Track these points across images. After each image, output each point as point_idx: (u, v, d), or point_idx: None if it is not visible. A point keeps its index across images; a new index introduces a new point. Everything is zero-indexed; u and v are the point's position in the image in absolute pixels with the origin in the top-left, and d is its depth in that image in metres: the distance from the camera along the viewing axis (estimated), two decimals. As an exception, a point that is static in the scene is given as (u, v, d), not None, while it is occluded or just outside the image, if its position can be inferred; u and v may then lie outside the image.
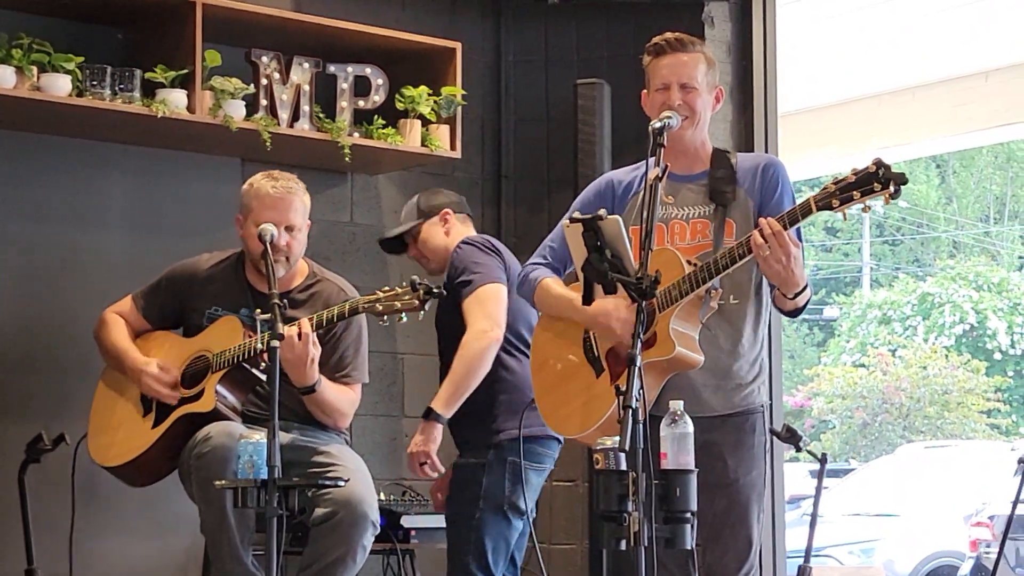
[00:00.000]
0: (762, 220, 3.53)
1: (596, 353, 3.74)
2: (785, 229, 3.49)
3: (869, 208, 3.46)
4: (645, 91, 3.85)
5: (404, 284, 4.06)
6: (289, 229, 4.28)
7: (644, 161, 3.68)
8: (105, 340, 4.42)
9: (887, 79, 9.95)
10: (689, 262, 3.61)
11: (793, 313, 3.74)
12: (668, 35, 3.83)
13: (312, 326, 4.11)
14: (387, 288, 4.10)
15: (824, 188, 3.47)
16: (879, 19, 8.84)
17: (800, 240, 3.61)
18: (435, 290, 4.04)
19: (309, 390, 4.20)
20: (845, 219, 3.58)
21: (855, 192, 3.41)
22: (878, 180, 3.38)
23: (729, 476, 3.71)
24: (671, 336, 3.57)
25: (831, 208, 3.44)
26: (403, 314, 4.05)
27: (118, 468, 4.32)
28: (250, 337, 4.17)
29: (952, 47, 9.36)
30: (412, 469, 4.41)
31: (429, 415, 4.34)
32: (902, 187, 3.38)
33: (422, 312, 4.06)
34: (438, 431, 4.34)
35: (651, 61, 3.83)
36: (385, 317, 4.07)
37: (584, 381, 3.74)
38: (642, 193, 3.65)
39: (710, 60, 3.84)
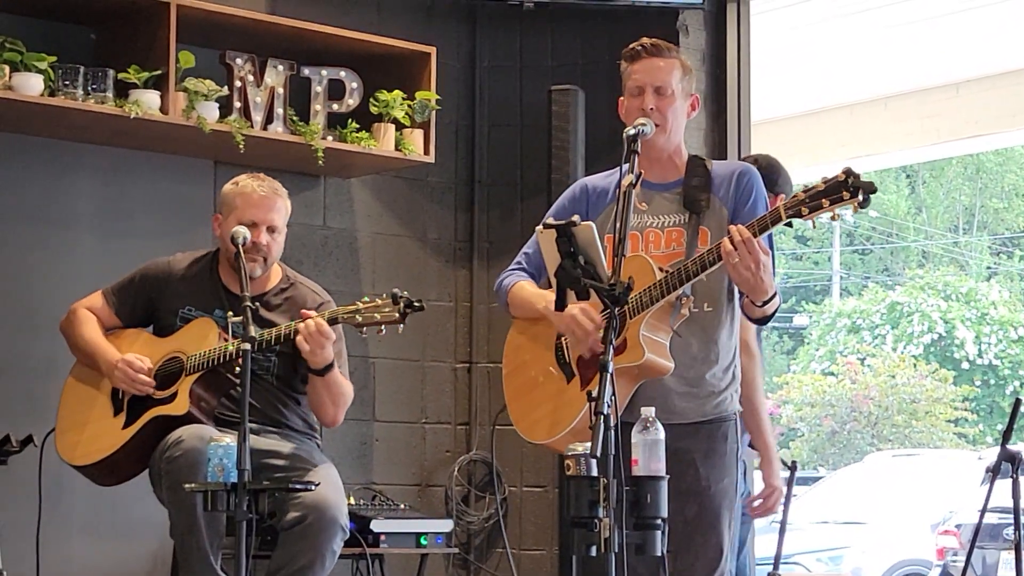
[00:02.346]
0: (732, 227, 3.53)
1: (567, 359, 3.74)
2: (755, 236, 3.49)
3: (839, 216, 3.47)
4: (622, 98, 3.85)
5: (385, 296, 4.04)
6: (271, 230, 4.28)
7: (618, 167, 3.67)
8: (76, 335, 4.38)
9: (859, 90, 10.01)
10: (661, 269, 3.61)
11: (761, 321, 3.75)
12: (644, 40, 3.83)
13: (280, 334, 4.11)
14: (367, 299, 4.07)
15: (794, 196, 3.48)
16: (851, 30, 8.89)
17: (771, 248, 3.62)
18: (415, 304, 4.01)
19: (327, 369, 4.18)
20: (815, 227, 3.59)
21: (824, 200, 3.42)
22: (847, 189, 3.39)
23: (700, 483, 3.71)
24: (641, 343, 3.57)
25: (800, 216, 3.45)
26: (383, 327, 4.02)
27: (86, 467, 4.29)
28: (225, 340, 4.15)
29: (923, 59, 9.42)
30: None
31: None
32: (871, 196, 3.40)
33: (401, 326, 4.03)
34: None
35: (627, 66, 3.83)
36: (364, 329, 4.05)
37: (554, 387, 3.74)
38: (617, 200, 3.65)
39: (686, 67, 3.83)
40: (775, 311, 3.68)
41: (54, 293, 4.89)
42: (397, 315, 3.99)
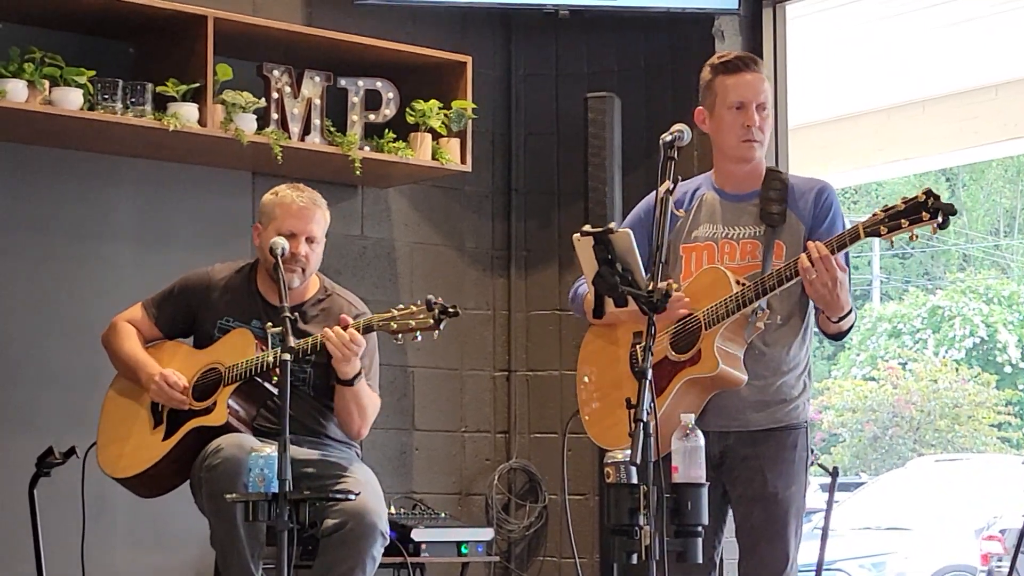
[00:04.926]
0: (810, 244, 3.56)
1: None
2: (833, 254, 3.52)
3: (916, 236, 3.50)
4: (701, 107, 3.83)
5: (419, 303, 4.04)
6: (310, 240, 4.28)
7: (693, 177, 3.76)
8: (117, 348, 4.40)
9: (897, 92, 9.94)
10: (738, 281, 3.63)
11: (837, 336, 3.77)
12: (740, 53, 3.88)
13: (310, 345, 4.11)
14: (402, 306, 4.08)
15: (873, 215, 3.52)
16: (889, 33, 8.83)
17: (848, 264, 3.64)
18: (450, 310, 4.01)
19: (355, 379, 4.18)
20: (892, 246, 3.62)
21: (904, 220, 3.45)
22: (927, 210, 3.42)
23: (768, 490, 3.72)
24: (715, 354, 3.60)
25: (879, 235, 3.48)
26: (417, 333, 4.03)
27: (127, 479, 4.31)
28: (263, 351, 4.16)
29: (962, 61, 9.35)
30: None
31: None
32: (950, 218, 3.41)
33: (437, 332, 4.03)
34: None
35: (721, 78, 3.80)
36: (400, 336, 4.06)
37: (629, 394, 3.74)
38: (692, 209, 3.69)
39: (768, 79, 3.88)
40: (850, 327, 3.72)
41: (94, 306, 4.92)
42: (432, 321, 4.00)
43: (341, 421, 4.33)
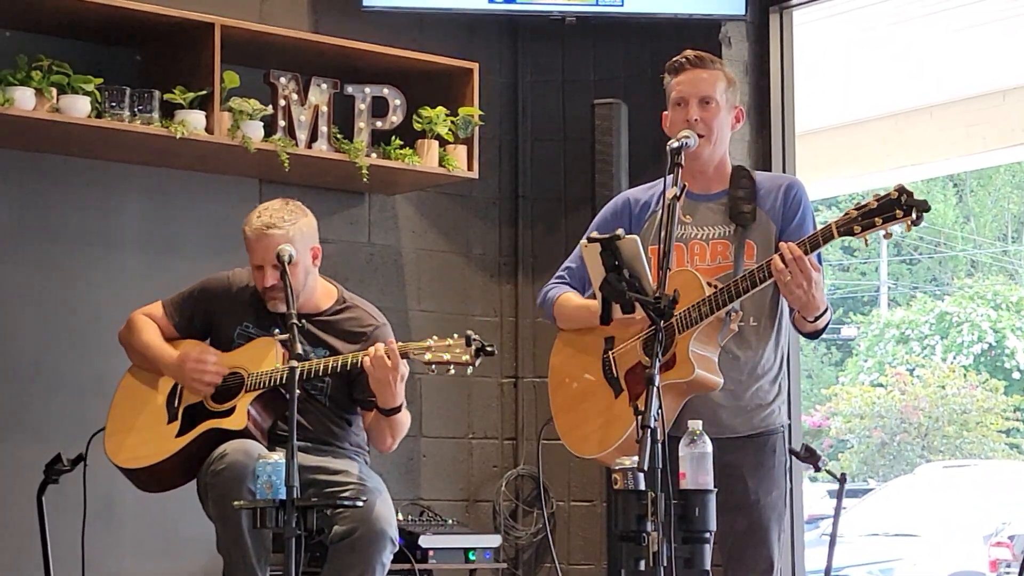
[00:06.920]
0: (783, 245, 3.52)
1: (615, 374, 3.73)
2: (806, 254, 3.49)
3: (891, 235, 3.47)
4: (666, 112, 3.84)
5: (457, 336, 4.00)
6: (276, 267, 4.14)
7: (660, 179, 3.66)
8: (137, 341, 4.34)
9: (904, 99, 9.96)
10: (709, 284, 3.61)
11: (813, 335, 3.75)
12: (688, 52, 3.83)
13: (348, 362, 4.08)
14: (437, 337, 4.04)
15: (846, 214, 3.47)
16: (896, 39, 8.85)
17: (819, 261, 3.61)
18: (488, 348, 3.96)
19: (395, 410, 4.15)
20: (867, 244, 3.58)
21: (877, 219, 3.41)
22: (900, 207, 3.38)
23: (749, 497, 3.71)
24: (690, 358, 3.57)
25: (852, 234, 3.44)
26: (451, 367, 3.99)
27: (132, 471, 4.27)
28: (287, 361, 4.12)
29: (969, 67, 9.37)
30: None
31: None
32: (924, 214, 3.38)
33: (471, 368, 3.99)
34: None
35: (670, 79, 3.83)
36: (433, 367, 4.02)
37: (602, 401, 3.73)
38: (660, 212, 3.64)
39: (730, 79, 3.83)
40: (826, 325, 3.67)
41: (102, 313, 4.93)
42: (467, 357, 3.95)
43: (372, 439, 4.31)
